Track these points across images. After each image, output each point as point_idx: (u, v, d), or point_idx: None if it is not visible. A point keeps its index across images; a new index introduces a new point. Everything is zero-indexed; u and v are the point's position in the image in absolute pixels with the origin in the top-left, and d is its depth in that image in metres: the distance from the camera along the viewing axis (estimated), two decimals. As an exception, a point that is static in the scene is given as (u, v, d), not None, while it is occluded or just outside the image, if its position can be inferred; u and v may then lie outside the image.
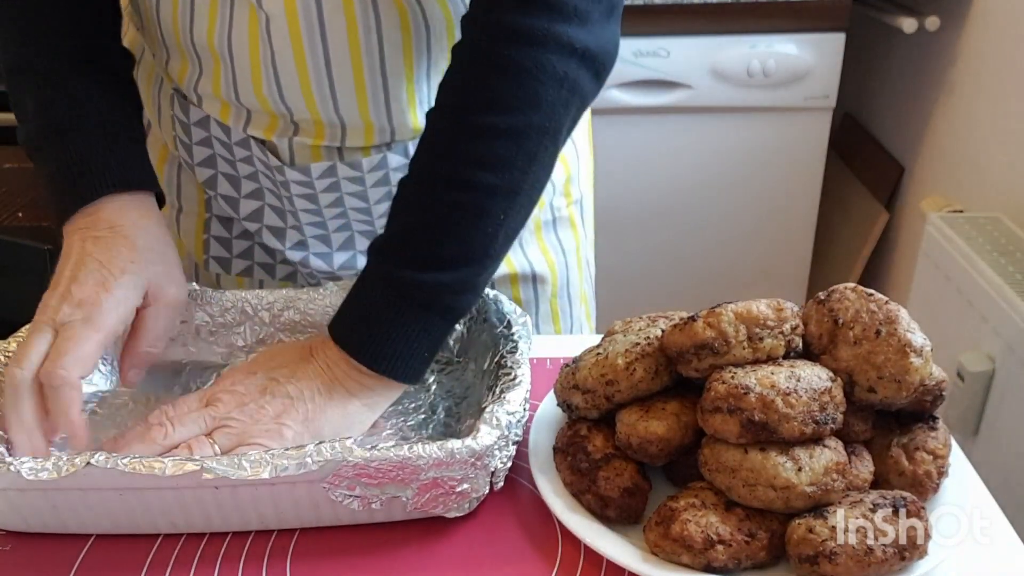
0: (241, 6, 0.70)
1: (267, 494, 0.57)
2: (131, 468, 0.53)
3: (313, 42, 0.70)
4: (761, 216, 1.83)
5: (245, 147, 0.79)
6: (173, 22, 0.73)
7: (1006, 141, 1.49)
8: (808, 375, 0.55)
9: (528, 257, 0.90)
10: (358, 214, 0.82)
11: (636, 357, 0.60)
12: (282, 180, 0.79)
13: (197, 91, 0.77)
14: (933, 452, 0.59)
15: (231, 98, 0.75)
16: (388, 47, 0.71)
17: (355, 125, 0.75)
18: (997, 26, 1.54)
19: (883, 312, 0.58)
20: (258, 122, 0.76)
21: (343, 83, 0.72)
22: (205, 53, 0.74)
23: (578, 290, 0.97)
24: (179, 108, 0.80)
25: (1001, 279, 1.20)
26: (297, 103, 0.74)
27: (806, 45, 1.67)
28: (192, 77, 0.76)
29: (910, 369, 0.56)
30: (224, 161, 0.81)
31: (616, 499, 0.58)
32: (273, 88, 0.73)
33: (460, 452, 0.56)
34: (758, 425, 0.53)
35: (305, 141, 0.76)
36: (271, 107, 0.74)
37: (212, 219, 0.87)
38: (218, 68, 0.74)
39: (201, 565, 0.57)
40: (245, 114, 0.76)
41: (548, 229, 0.92)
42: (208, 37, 0.72)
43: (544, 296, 0.92)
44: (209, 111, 0.78)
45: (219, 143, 0.80)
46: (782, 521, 0.54)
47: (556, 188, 0.90)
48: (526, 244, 0.90)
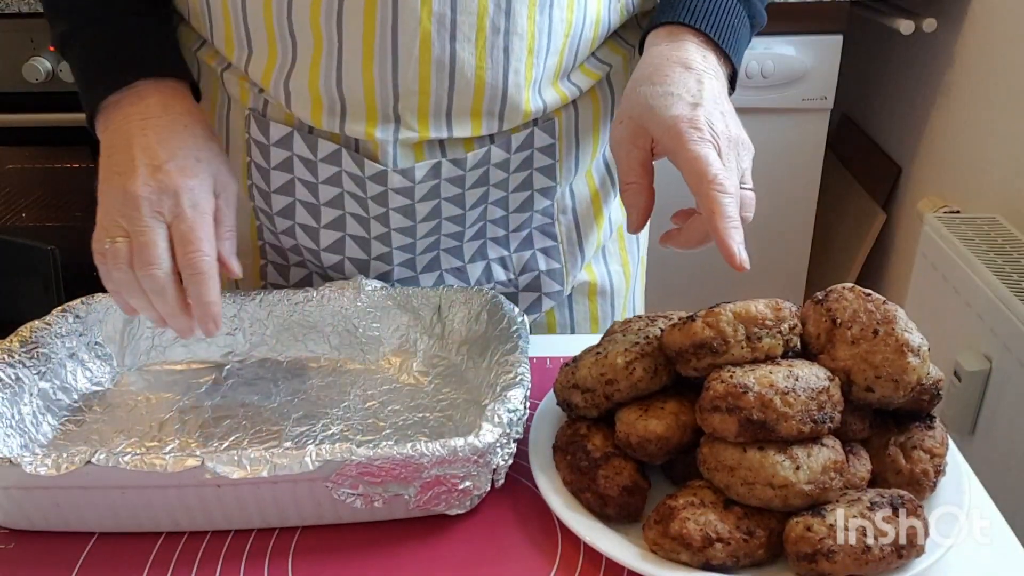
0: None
1: (269, 492, 0.58)
2: (132, 466, 0.54)
3: (442, 4, 0.66)
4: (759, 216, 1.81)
5: (334, 162, 0.73)
6: (265, 6, 0.68)
7: (1003, 142, 1.49)
8: (806, 374, 0.56)
9: (608, 267, 0.89)
10: (451, 225, 0.78)
11: (635, 356, 0.60)
12: (377, 193, 0.74)
13: (287, 86, 0.71)
14: (930, 451, 0.60)
15: (330, 87, 0.69)
16: (516, 4, 0.68)
17: (464, 109, 0.71)
18: (994, 28, 1.54)
19: (881, 312, 0.58)
20: (356, 116, 0.71)
21: (464, 50, 0.68)
22: (305, 36, 0.68)
23: (640, 297, 0.96)
24: (256, 127, 0.75)
25: (998, 279, 1.20)
26: (410, 81, 0.69)
27: (804, 47, 1.68)
28: (282, 70, 0.70)
29: (908, 369, 0.56)
30: (304, 186, 0.76)
31: (615, 497, 0.58)
32: (387, 64, 0.68)
33: (463, 450, 0.56)
34: (756, 424, 0.54)
35: (409, 137, 0.71)
36: (377, 91, 0.69)
37: (268, 266, 0.85)
38: (319, 53, 0.68)
39: (203, 563, 0.58)
40: (340, 109, 0.71)
41: (631, 239, 0.91)
42: (312, 15, 0.67)
43: (618, 312, 0.92)
44: (297, 110, 0.72)
45: (301, 162, 0.75)
46: (780, 519, 0.55)
47: None
48: (608, 254, 0.89)
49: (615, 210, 0.88)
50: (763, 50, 1.66)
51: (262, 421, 0.70)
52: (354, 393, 0.73)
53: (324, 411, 0.71)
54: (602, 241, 0.88)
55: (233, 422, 0.70)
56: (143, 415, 0.70)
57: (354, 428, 0.69)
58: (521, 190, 0.79)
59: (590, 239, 0.86)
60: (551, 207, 0.83)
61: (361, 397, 0.73)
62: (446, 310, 0.78)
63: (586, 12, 0.72)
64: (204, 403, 0.72)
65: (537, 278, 0.85)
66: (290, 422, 0.70)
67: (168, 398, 0.72)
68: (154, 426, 0.69)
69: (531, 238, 0.83)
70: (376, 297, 0.78)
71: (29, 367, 0.68)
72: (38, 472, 0.53)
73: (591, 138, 0.81)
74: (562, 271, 0.85)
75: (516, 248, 0.83)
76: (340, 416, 0.70)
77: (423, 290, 0.78)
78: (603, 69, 0.79)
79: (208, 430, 0.69)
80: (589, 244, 0.86)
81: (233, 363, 0.77)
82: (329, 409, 0.71)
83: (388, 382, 0.75)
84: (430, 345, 0.78)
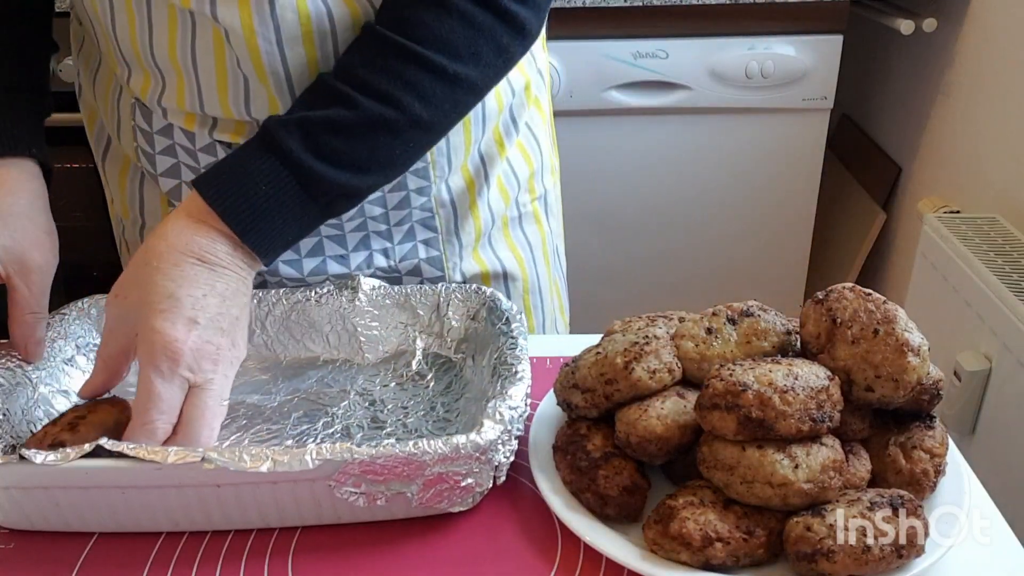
0: (202, 21, 0.69)
1: (269, 492, 0.58)
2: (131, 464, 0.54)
3: (271, 52, 0.69)
4: (759, 216, 1.83)
5: (211, 153, 0.77)
6: (132, 39, 0.73)
7: (1003, 142, 1.49)
8: (806, 373, 0.56)
9: (498, 255, 0.90)
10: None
11: (635, 356, 0.60)
12: None
13: (161, 104, 0.76)
14: (930, 451, 0.60)
15: (196, 109, 0.75)
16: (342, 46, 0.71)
17: None
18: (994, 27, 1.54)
19: (881, 312, 0.58)
20: (225, 128, 0.76)
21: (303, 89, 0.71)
22: (167, 68, 0.73)
23: (548, 284, 0.97)
24: (140, 117, 0.79)
25: (998, 279, 1.20)
26: (262, 112, 0.73)
27: (804, 47, 1.67)
28: (155, 91, 0.75)
29: (908, 368, 0.56)
30: (188, 169, 0.80)
31: (615, 497, 0.58)
32: (240, 99, 0.73)
33: (465, 447, 0.56)
34: (755, 422, 0.54)
35: None
36: (236, 116, 0.74)
37: None
38: (182, 82, 0.73)
39: (203, 563, 0.58)
40: (211, 122, 0.76)
41: (515, 226, 0.92)
42: (170, 52, 0.72)
43: (516, 293, 0.92)
44: (173, 121, 0.77)
45: (183, 150, 0.78)
46: (780, 519, 0.55)
47: (521, 184, 0.91)
48: (495, 242, 0.90)
49: (495, 200, 0.89)
50: (763, 50, 1.66)
51: (262, 420, 0.70)
52: (354, 392, 0.73)
53: (324, 410, 0.71)
54: (483, 229, 0.89)
55: (233, 422, 0.70)
56: None
57: (354, 427, 0.69)
58: (396, 191, 0.82)
59: (467, 228, 0.88)
60: (429, 202, 0.84)
61: (361, 396, 0.73)
62: (445, 309, 0.78)
63: None
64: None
65: (417, 265, 0.87)
66: (290, 421, 0.70)
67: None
68: (154, 426, 0.69)
69: (413, 230, 0.85)
70: (375, 296, 0.78)
71: (28, 370, 0.68)
72: (47, 462, 0.53)
73: (463, 140, 0.83)
74: (441, 258, 0.87)
75: (399, 240, 0.85)
76: (340, 415, 0.70)
77: (422, 289, 0.78)
78: None
79: (208, 430, 0.68)
80: (466, 233, 0.88)
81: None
82: (329, 408, 0.71)
83: (387, 381, 0.75)
84: (429, 344, 0.78)
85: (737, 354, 0.61)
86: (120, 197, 0.88)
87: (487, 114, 0.84)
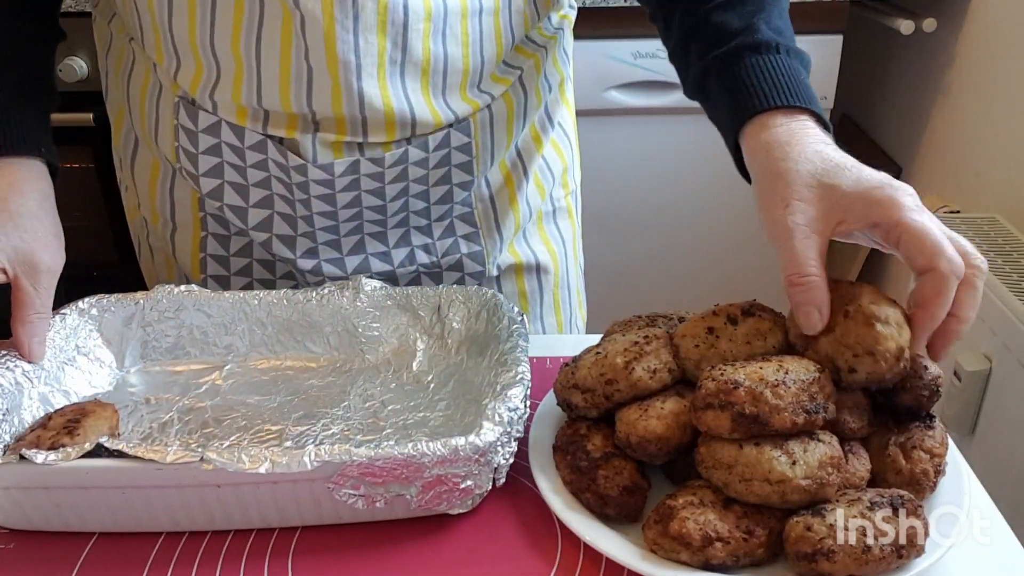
0: (272, 7, 0.69)
1: (269, 492, 0.58)
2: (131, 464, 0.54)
3: (346, 41, 0.70)
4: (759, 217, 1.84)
5: (260, 150, 0.77)
6: (189, 29, 0.72)
7: (1003, 142, 1.49)
8: (796, 368, 0.56)
9: (532, 248, 0.91)
10: (372, 213, 0.82)
11: (635, 356, 0.60)
12: (300, 181, 0.78)
13: (213, 98, 0.75)
14: (930, 451, 0.60)
15: (252, 102, 0.74)
16: (411, 37, 0.72)
17: (377, 121, 0.75)
18: (994, 27, 1.54)
19: (848, 293, 0.58)
20: (277, 122, 0.75)
21: (369, 81, 0.72)
22: (227, 59, 0.73)
23: (575, 280, 0.98)
24: (185, 115, 0.78)
25: (997, 279, 1.20)
26: (324, 104, 0.73)
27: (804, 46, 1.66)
28: (208, 84, 0.75)
29: (880, 338, 0.55)
30: (232, 169, 0.79)
31: (615, 497, 0.58)
32: (302, 91, 0.72)
33: (464, 449, 0.56)
34: (749, 418, 0.54)
35: (327, 138, 0.75)
36: (294, 109, 0.74)
37: (208, 237, 0.86)
38: (240, 74, 0.73)
39: (203, 563, 0.58)
40: (263, 116, 0.75)
41: (549, 220, 0.93)
42: (232, 43, 0.71)
43: (548, 287, 0.93)
44: (224, 115, 0.76)
45: (229, 149, 0.78)
46: (780, 519, 0.55)
47: (555, 178, 0.91)
48: (529, 235, 0.91)
49: (532, 195, 0.90)
50: (763, 50, 1.66)
51: (262, 421, 0.70)
52: (354, 393, 0.73)
53: (324, 411, 0.71)
54: (521, 224, 0.90)
55: (233, 422, 0.70)
56: (143, 417, 0.70)
57: (354, 428, 0.69)
58: (440, 184, 0.82)
59: (507, 223, 0.89)
60: (469, 197, 0.86)
61: (361, 397, 0.73)
62: (446, 309, 0.78)
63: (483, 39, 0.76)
64: (204, 404, 0.72)
65: (459, 260, 0.87)
66: (290, 422, 0.70)
67: (168, 399, 0.72)
68: (155, 427, 0.69)
69: (453, 226, 0.86)
70: (376, 297, 0.78)
71: (28, 371, 0.68)
72: (47, 462, 0.53)
73: (505, 134, 0.84)
74: (483, 253, 0.88)
75: (439, 236, 0.86)
76: (340, 416, 0.70)
77: (423, 290, 0.78)
78: (513, 74, 0.82)
79: (209, 430, 0.69)
80: (507, 227, 0.89)
81: (233, 364, 0.77)
82: (329, 409, 0.71)
83: (388, 382, 0.75)
84: (430, 345, 0.78)
85: (737, 354, 0.61)
86: (149, 201, 0.87)
87: (528, 109, 0.85)
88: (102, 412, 0.64)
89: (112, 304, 0.76)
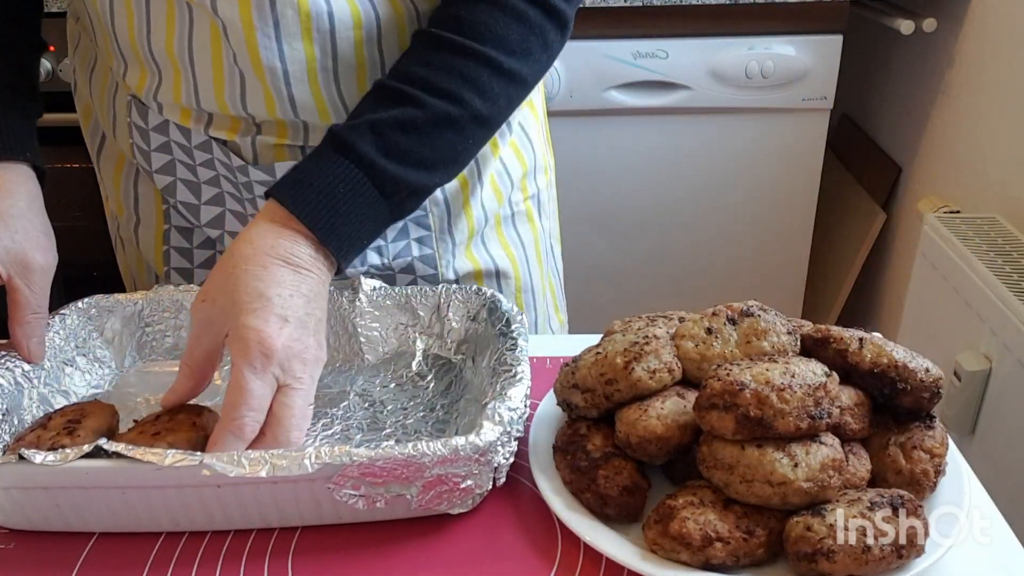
0: (200, 15, 0.70)
1: (269, 493, 0.58)
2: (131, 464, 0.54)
3: (269, 48, 0.70)
4: (759, 216, 1.83)
5: (206, 150, 0.78)
6: (129, 33, 0.73)
7: (1003, 142, 1.49)
8: (803, 371, 0.56)
9: (491, 253, 0.90)
10: None
11: (635, 356, 0.60)
12: (245, 181, 0.79)
13: (157, 99, 0.77)
14: (930, 451, 0.60)
15: (192, 104, 0.75)
16: (341, 44, 0.72)
17: (316, 126, 0.76)
18: (994, 27, 1.54)
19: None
20: (220, 124, 0.76)
21: (300, 87, 0.73)
22: (165, 63, 0.74)
23: (541, 282, 0.97)
24: (136, 113, 0.79)
25: (998, 279, 1.20)
26: (259, 108, 0.74)
27: (804, 47, 1.67)
28: (151, 86, 0.76)
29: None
30: (184, 166, 0.80)
31: (615, 497, 0.58)
32: (236, 94, 0.73)
33: (464, 449, 0.56)
34: (753, 421, 0.54)
35: (268, 140, 0.76)
36: (232, 112, 0.75)
37: (171, 230, 0.86)
38: (178, 76, 0.74)
39: (203, 563, 0.58)
40: (206, 117, 0.76)
41: (508, 224, 0.92)
42: (167, 46, 0.72)
43: (508, 292, 0.92)
44: (169, 116, 0.77)
45: (178, 147, 0.79)
46: (780, 519, 0.55)
47: (514, 183, 0.91)
48: (488, 241, 0.90)
49: (488, 199, 0.89)
50: (763, 50, 1.66)
51: (262, 421, 0.70)
52: (353, 393, 0.73)
53: (324, 411, 0.71)
54: (476, 228, 0.89)
55: (233, 422, 0.69)
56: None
57: (354, 428, 0.69)
58: None
59: (460, 226, 0.88)
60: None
61: (361, 397, 0.73)
62: (445, 310, 0.78)
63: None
64: (204, 404, 0.72)
65: (411, 263, 0.87)
66: (290, 422, 0.69)
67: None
68: (154, 426, 0.69)
69: (407, 228, 0.86)
70: (375, 297, 0.78)
71: (28, 371, 0.68)
72: (47, 462, 0.53)
73: None
74: (434, 256, 0.87)
75: (393, 239, 0.85)
76: (340, 416, 0.70)
77: (422, 290, 0.78)
78: None
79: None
80: (460, 231, 0.88)
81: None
82: (329, 409, 0.71)
83: (387, 382, 0.75)
84: (429, 345, 0.78)
85: (737, 354, 0.61)
86: (115, 194, 0.88)
87: None
88: (102, 412, 0.64)
89: (112, 304, 0.76)
